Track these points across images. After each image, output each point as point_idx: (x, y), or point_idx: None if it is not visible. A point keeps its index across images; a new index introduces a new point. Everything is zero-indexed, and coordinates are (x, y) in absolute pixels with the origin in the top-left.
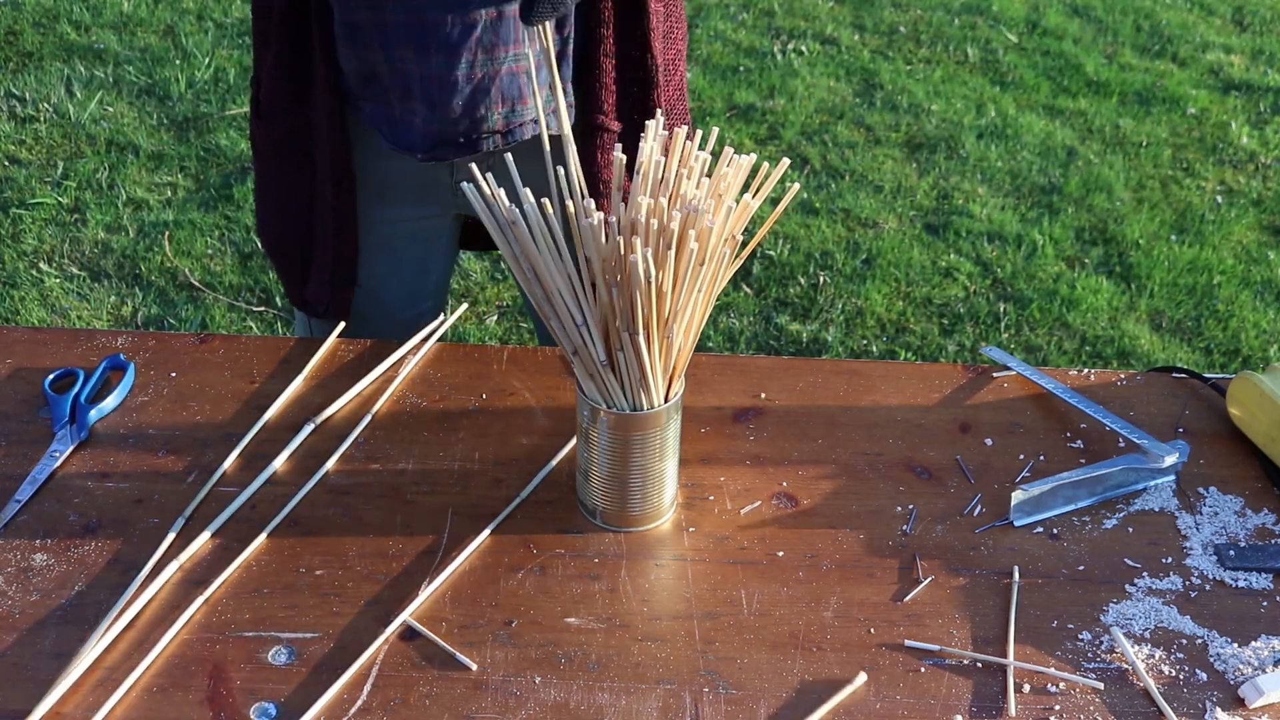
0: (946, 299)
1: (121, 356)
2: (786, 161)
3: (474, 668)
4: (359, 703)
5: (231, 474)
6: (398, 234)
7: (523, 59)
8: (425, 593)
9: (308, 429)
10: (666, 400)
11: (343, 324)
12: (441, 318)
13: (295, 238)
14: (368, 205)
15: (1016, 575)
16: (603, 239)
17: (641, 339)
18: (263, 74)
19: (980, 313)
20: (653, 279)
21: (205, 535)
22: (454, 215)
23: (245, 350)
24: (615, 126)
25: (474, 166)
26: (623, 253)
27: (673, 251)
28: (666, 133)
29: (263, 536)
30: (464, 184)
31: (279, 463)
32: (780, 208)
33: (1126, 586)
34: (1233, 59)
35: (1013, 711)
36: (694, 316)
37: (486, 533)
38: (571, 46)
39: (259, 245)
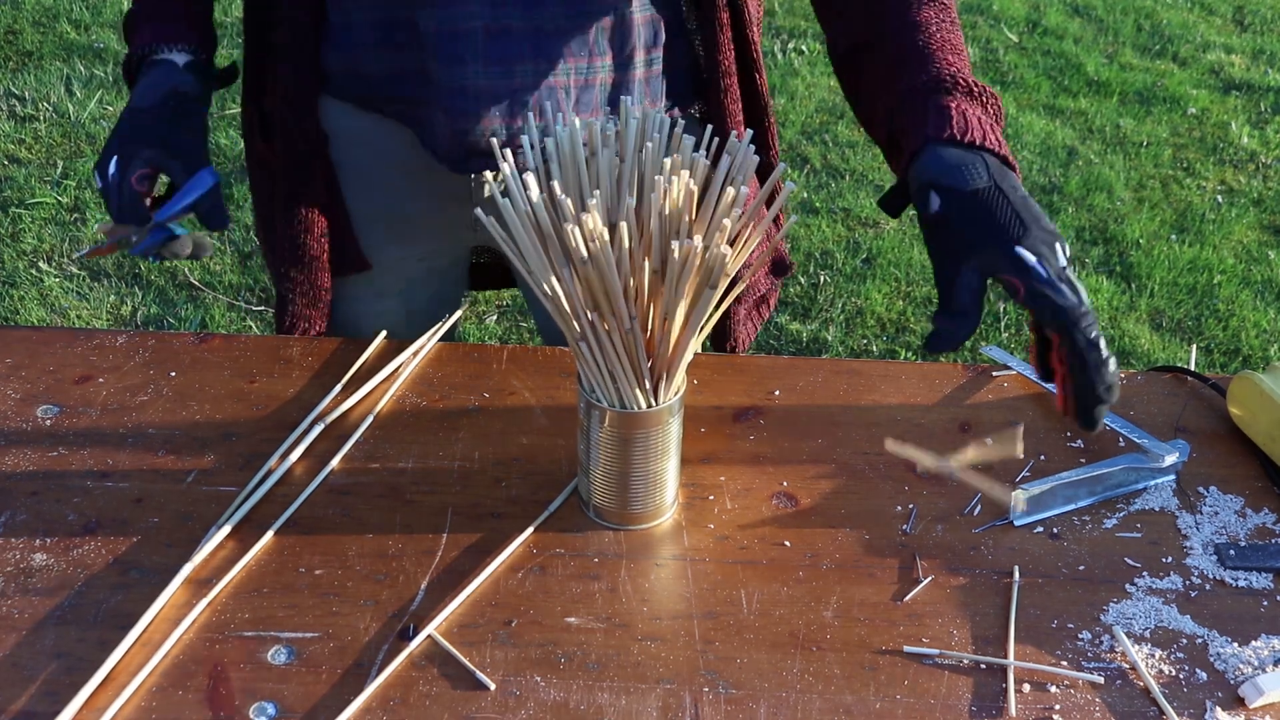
0: None
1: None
2: (792, 185)
3: (492, 687)
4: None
5: (234, 474)
6: (417, 271)
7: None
8: (455, 602)
9: (318, 429)
10: (657, 401)
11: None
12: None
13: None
14: (383, 244)
15: (1017, 575)
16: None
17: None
18: (266, 84)
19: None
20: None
21: (221, 535)
22: (469, 249)
23: (245, 350)
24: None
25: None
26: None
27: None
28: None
29: (269, 535)
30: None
31: (293, 459)
32: (773, 219)
33: (1126, 586)
34: (1233, 59)
35: (1013, 711)
36: (688, 317)
37: (530, 531)
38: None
39: (259, 246)
